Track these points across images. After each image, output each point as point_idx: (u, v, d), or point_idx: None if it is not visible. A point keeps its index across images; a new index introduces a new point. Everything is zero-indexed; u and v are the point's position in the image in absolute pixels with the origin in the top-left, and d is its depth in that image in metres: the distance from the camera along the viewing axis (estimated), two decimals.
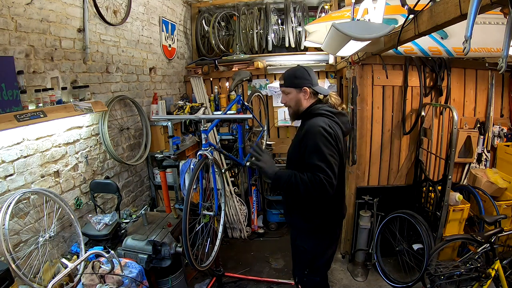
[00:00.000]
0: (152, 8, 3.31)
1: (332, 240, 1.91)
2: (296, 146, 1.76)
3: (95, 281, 1.68)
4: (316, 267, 1.90)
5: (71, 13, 2.16)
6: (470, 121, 3.17)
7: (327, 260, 1.94)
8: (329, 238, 1.88)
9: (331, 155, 1.60)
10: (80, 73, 2.27)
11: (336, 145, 1.64)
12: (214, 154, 2.09)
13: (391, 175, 3.21)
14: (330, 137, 1.62)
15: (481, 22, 2.22)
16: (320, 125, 1.64)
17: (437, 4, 1.32)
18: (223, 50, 4.25)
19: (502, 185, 2.92)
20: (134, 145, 2.96)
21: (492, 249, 2.29)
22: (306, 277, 1.93)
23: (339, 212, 1.90)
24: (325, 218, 1.82)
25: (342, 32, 1.70)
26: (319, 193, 1.58)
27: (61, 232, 2.05)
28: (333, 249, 1.95)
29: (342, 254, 3.35)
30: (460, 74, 3.11)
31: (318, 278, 1.93)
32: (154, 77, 3.41)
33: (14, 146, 1.74)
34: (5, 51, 1.68)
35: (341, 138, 1.73)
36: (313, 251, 1.86)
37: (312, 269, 1.90)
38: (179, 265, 2.41)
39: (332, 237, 1.90)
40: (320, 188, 1.56)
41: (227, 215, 3.80)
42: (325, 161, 1.58)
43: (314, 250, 1.86)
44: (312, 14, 4.29)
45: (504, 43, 1.00)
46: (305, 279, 1.95)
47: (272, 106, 4.17)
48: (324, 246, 1.87)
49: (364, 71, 2.97)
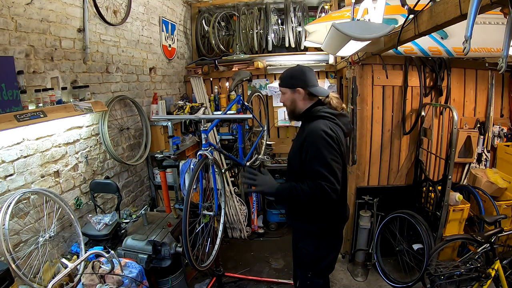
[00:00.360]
0: (152, 8, 3.31)
1: (335, 243, 1.90)
2: (296, 150, 1.73)
3: (95, 281, 1.68)
4: (319, 270, 1.88)
5: (71, 13, 2.16)
6: (470, 121, 3.17)
7: (330, 263, 1.92)
8: (332, 241, 1.87)
9: (333, 159, 1.57)
10: (80, 73, 2.27)
11: (338, 148, 1.61)
12: (214, 154, 2.09)
13: (391, 175, 3.21)
14: (332, 141, 1.59)
15: (481, 22, 2.22)
16: (321, 129, 1.60)
17: (437, 4, 1.32)
18: (223, 50, 4.25)
19: (502, 185, 2.92)
20: (134, 145, 2.96)
21: (492, 249, 2.29)
22: (310, 280, 1.90)
23: (343, 214, 1.88)
24: (328, 221, 1.80)
25: (342, 32, 1.70)
26: (323, 200, 1.56)
27: (61, 232, 2.05)
28: (336, 251, 1.93)
29: (342, 254, 3.35)
30: (460, 74, 3.11)
31: (321, 280, 1.91)
32: (154, 77, 3.41)
33: (14, 146, 1.74)
34: (5, 51, 1.68)
35: (343, 140, 1.70)
36: (316, 254, 1.83)
37: (315, 271, 1.87)
38: (179, 265, 2.41)
39: (335, 239, 1.89)
40: (323, 195, 1.54)
41: (227, 215, 3.80)
42: (327, 167, 1.55)
43: (317, 252, 1.83)
44: (312, 14, 4.29)
45: (504, 43, 1.00)
46: (308, 282, 1.91)
47: (272, 106, 4.17)
48: (327, 249, 1.85)
49: (364, 71, 2.97)
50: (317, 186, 1.54)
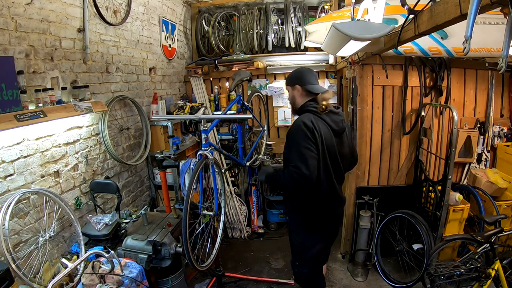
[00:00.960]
0: (152, 8, 3.31)
1: (322, 235, 2.00)
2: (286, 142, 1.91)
3: (95, 281, 1.68)
4: (305, 259, 2.02)
5: (71, 13, 2.16)
6: (470, 121, 3.17)
7: (316, 254, 2.02)
8: (319, 233, 1.99)
9: (306, 147, 1.70)
10: (80, 73, 2.27)
11: (313, 138, 1.73)
12: (214, 154, 2.09)
13: (391, 175, 3.21)
14: (308, 131, 1.72)
15: (481, 22, 2.22)
16: (302, 120, 1.77)
17: (437, 4, 1.32)
18: (223, 50, 4.25)
19: (502, 185, 2.92)
20: (134, 145, 2.96)
21: (492, 249, 2.29)
22: (297, 268, 2.09)
23: (329, 207, 1.93)
24: (314, 213, 1.92)
25: (342, 32, 1.70)
26: (294, 184, 1.74)
27: (61, 232, 2.05)
28: (323, 244, 2.03)
29: (342, 254, 3.35)
30: (460, 74, 3.11)
31: (306, 270, 2.06)
32: (154, 77, 3.41)
33: (14, 146, 1.74)
34: (5, 51, 1.68)
35: (327, 134, 1.80)
36: (302, 244, 2.00)
37: (302, 260, 2.04)
38: (179, 265, 2.41)
39: (323, 232, 2.00)
40: (292, 180, 1.72)
41: (227, 215, 3.80)
42: (297, 153, 1.72)
43: (303, 242, 1.99)
44: (312, 14, 4.29)
45: (504, 43, 1.00)
46: (296, 270, 2.11)
47: (272, 106, 4.16)
48: (312, 240, 1.98)
49: (364, 71, 2.97)
50: (289, 172, 1.74)
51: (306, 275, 2.06)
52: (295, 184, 1.73)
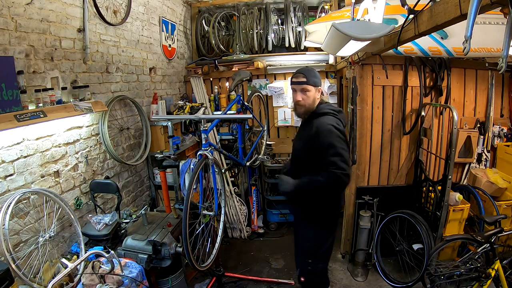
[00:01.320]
0: (152, 8, 3.31)
1: (333, 229, 2.11)
2: (306, 143, 1.92)
3: (95, 281, 1.68)
4: (320, 254, 2.07)
5: (71, 13, 2.16)
6: (470, 121, 3.17)
7: (328, 248, 2.11)
8: (331, 227, 2.08)
9: (344, 149, 1.79)
10: (80, 73, 2.27)
11: (345, 139, 1.85)
12: (214, 154, 2.09)
13: (391, 175, 3.21)
14: (340, 133, 1.83)
15: (481, 22, 2.22)
16: (331, 124, 1.83)
17: (437, 4, 1.32)
18: (223, 50, 4.25)
19: (502, 185, 2.92)
20: (134, 145, 2.96)
21: (492, 249, 2.29)
22: (310, 266, 2.08)
23: (340, 203, 2.09)
24: (328, 209, 2.00)
25: (342, 32, 1.70)
26: (338, 186, 1.81)
27: (61, 232, 2.05)
28: (333, 236, 2.13)
29: (342, 254, 3.35)
30: (460, 74, 3.11)
31: (321, 265, 2.11)
32: (154, 77, 3.41)
33: (14, 146, 1.74)
34: (5, 51, 1.68)
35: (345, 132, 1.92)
36: (316, 239, 2.04)
37: (316, 256, 2.06)
38: (179, 265, 2.41)
39: (333, 226, 2.10)
40: (337, 182, 1.75)
41: (227, 215, 3.80)
42: (339, 155, 1.76)
43: (316, 238, 2.04)
44: (312, 14, 4.29)
45: (504, 43, 1.00)
46: (310, 268, 2.09)
47: (272, 106, 4.16)
48: (326, 234, 2.06)
49: (364, 71, 2.97)
50: (333, 175, 1.74)
51: (320, 270, 2.11)
52: (340, 185, 1.82)
